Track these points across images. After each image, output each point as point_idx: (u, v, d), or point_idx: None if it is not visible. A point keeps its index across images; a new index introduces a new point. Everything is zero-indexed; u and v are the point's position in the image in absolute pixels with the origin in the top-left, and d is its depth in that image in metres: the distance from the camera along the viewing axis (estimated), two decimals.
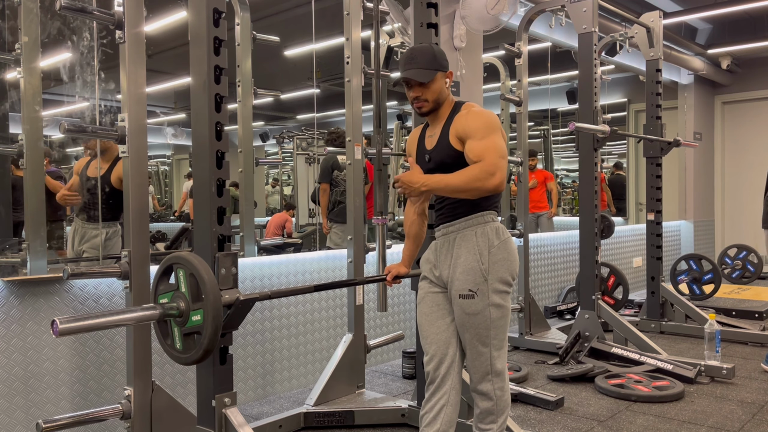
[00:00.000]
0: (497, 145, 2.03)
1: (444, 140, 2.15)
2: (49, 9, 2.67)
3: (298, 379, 3.59)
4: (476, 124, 2.07)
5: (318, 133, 6.73)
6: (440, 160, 2.16)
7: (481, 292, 2.07)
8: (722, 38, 7.48)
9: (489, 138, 2.04)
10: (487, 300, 2.07)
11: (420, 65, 2.13)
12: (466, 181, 1.99)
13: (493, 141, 2.03)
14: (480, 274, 2.07)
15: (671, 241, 7.47)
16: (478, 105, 2.20)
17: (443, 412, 2.13)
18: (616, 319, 4.07)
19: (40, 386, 2.57)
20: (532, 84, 5.71)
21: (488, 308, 2.07)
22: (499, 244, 2.10)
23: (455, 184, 2.02)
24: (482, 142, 2.03)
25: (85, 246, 3.28)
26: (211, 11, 2.13)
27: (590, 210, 4.11)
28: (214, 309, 1.82)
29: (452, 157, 2.12)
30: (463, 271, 2.08)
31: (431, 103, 2.17)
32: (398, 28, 3.84)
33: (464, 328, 2.11)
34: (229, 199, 2.22)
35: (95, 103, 2.86)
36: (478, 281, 2.06)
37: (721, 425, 2.93)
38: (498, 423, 2.14)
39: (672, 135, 5.06)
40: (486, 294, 2.07)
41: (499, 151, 2.01)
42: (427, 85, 2.14)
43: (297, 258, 3.63)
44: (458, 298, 2.09)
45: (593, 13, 4.04)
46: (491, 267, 2.07)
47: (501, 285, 2.09)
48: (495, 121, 2.09)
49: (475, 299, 2.07)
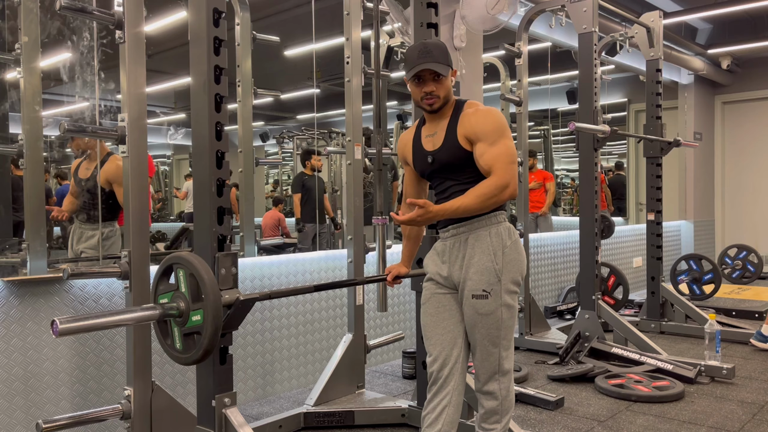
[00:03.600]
0: (508, 150, 2.01)
1: (451, 140, 2.10)
2: (49, 9, 2.67)
3: (298, 379, 3.59)
4: (487, 127, 2.04)
5: (318, 133, 6.73)
6: (446, 161, 2.12)
7: (494, 292, 2.05)
8: (722, 38, 7.47)
9: (500, 143, 2.01)
10: (500, 300, 2.06)
11: (436, 59, 2.07)
12: (483, 200, 1.97)
13: (504, 146, 2.01)
14: (494, 274, 2.05)
15: (671, 241, 7.47)
16: (480, 102, 2.18)
17: (445, 413, 2.11)
18: (616, 319, 4.07)
19: (40, 386, 2.57)
20: (532, 84, 5.71)
21: (500, 308, 2.06)
22: (511, 244, 2.09)
23: (471, 206, 1.98)
24: (493, 149, 2.01)
25: (82, 246, 3.29)
26: (211, 11, 2.13)
27: (590, 210, 4.11)
28: (214, 309, 1.82)
29: (460, 159, 2.08)
30: (477, 271, 2.06)
31: (442, 99, 2.12)
32: (398, 28, 3.83)
33: (475, 329, 2.09)
34: (230, 199, 2.22)
35: (95, 103, 2.86)
36: (492, 281, 2.05)
37: (721, 425, 2.93)
38: (502, 423, 2.14)
39: (672, 135, 5.06)
40: (499, 294, 2.05)
41: (509, 158, 2.00)
42: (441, 80, 2.09)
43: (297, 258, 3.63)
44: (471, 298, 2.07)
45: (593, 13, 4.04)
46: (504, 267, 2.06)
47: (513, 285, 2.08)
48: (504, 122, 2.06)
49: (489, 299, 2.05)
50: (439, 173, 2.17)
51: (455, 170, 2.10)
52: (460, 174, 2.11)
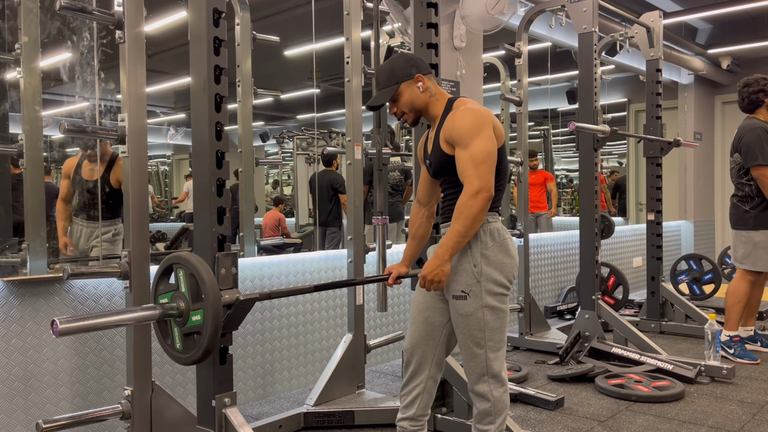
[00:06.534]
0: (477, 151, 1.98)
1: (437, 146, 2.14)
2: (49, 9, 2.67)
3: (298, 379, 3.59)
4: (461, 130, 2.03)
5: (318, 133, 6.73)
6: (437, 165, 2.17)
7: (473, 293, 2.06)
8: (722, 38, 7.47)
9: (470, 146, 1.99)
10: (480, 302, 2.06)
11: (381, 85, 2.17)
12: (464, 218, 1.96)
13: (475, 148, 1.98)
14: (472, 275, 2.06)
15: (671, 241, 7.47)
16: (471, 101, 2.15)
17: (419, 399, 2.24)
18: (616, 319, 4.07)
19: (40, 386, 2.57)
20: (532, 84, 5.71)
21: (481, 310, 2.06)
22: (494, 245, 2.08)
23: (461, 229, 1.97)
24: (464, 153, 2.00)
25: (95, 241, 3.32)
26: (211, 11, 2.13)
27: (590, 210, 4.11)
28: (214, 309, 1.81)
29: (447, 162, 2.10)
30: (456, 272, 2.08)
31: (410, 113, 2.18)
32: (398, 28, 3.84)
33: (458, 329, 2.13)
34: (229, 199, 2.22)
35: (95, 103, 2.86)
36: (470, 282, 2.06)
37: (721, 425, 2.93)
38: (496, 424, 2.15)
39: (672, 135, 5.06)
40: (479, 295, 2.06)
41: (479, 157, 1.97)
42: (396, 101, 2.17)
43: (297, 258, 3.63)
44: (452, 298, 2.11)
45: (593, 13, 4.04)
46: (484, 269, 2.05)
47: (495, 287, 2.07)
48: (480, 120, 2.03)
49: (468, 300, 2.07)
50: (437, 177, 2.22)
51: (446, 173, 2.15)
52: (452, 176, 2.12)
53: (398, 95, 2.16)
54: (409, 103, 2.17)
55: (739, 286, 3.99)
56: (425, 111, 2.19)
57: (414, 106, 2.17)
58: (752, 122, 3.99)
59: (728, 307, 4.02)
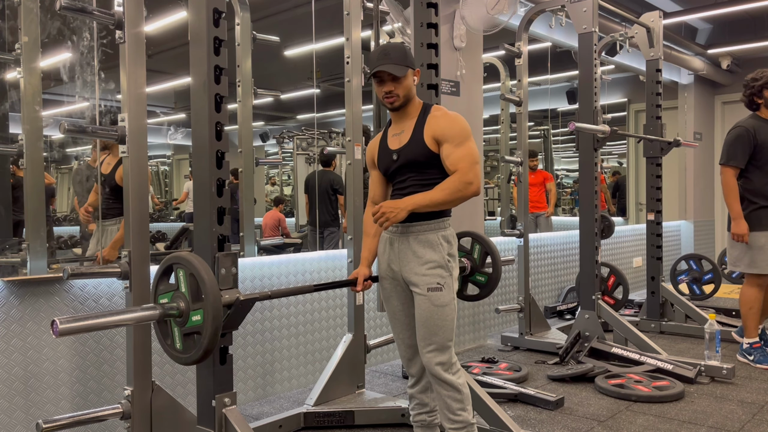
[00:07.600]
0: (472, 152, 2.18)
1: (417, 139, 2.25)
2: (49, 9, 2.67)
3: (298, 379, 3.59)
4: (453, 130, 2.21)
5: (318, 133, 6.73)
6: (412, 158, 2.26)
7: (447, 285, 2.23)
8: (722, 38, 7.48)
9: (465, 145, 2.19)
10: (452, 293, 2.24)
11: (394, 60, 2.22)
12: (449, 193, 2.14)
13: (468, 148, 2.19)
14: (446, 269, 2.23)
15: (671, 241, 7.47)
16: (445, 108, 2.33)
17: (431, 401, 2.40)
18: (616, 319, 4.07)
19: (40, 386, 2.57)
20: (532, 84, 5.72)
21: (454, 301, 2.25)
22: (453, 249, 2.29)
23: (439, 199, 2.15)
24: (459, 150, 2.18)
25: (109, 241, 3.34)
26: (211, 11, 2.13)
27: (590, 210, 4.11)
28: (214, 309, 1.82)
29: (426, 156, 2.23)
30: (432, 267, 2.22)
31: (402, 97, 2.27)
32: (398, 28, 3.83)
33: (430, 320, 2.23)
34: (229, 199, 2.22)
35: (95, 103, 2.86)
36: (445, 275, 2.23)
37: (721, 425, 2.93)
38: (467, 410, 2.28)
39: (672, 135, 5.06)
40: (451, 287, 2.24)
41: (474, 158, 2.18)
42: (399, 81, 2.24)
43: (297, 258, 3.63)
44: (427, 291, 2.21)
45: (593, 13, 4.04)
46: (451, 265, 2.26)
47: (455, 283, 2.29)
48: (468, 127, 2.24)
49: (443, 291, 2.22)
50: (402, 169, 2.30)
51: (418, 167, 2.25)
52: (422, 172, 2.25)
53: (404, 77, 2.25)
54: (408, 89, 2.27)
55: (748, 291, 3.92)
56: (409, 103, 2.30)
57: (408, 93, 2.28)
58: (743, 120, 3.96)
59: (743, 315, 3.96)
